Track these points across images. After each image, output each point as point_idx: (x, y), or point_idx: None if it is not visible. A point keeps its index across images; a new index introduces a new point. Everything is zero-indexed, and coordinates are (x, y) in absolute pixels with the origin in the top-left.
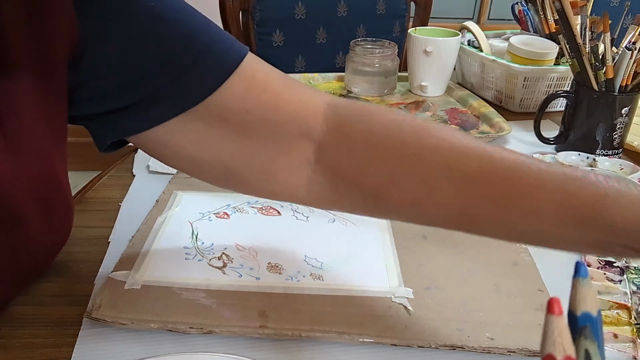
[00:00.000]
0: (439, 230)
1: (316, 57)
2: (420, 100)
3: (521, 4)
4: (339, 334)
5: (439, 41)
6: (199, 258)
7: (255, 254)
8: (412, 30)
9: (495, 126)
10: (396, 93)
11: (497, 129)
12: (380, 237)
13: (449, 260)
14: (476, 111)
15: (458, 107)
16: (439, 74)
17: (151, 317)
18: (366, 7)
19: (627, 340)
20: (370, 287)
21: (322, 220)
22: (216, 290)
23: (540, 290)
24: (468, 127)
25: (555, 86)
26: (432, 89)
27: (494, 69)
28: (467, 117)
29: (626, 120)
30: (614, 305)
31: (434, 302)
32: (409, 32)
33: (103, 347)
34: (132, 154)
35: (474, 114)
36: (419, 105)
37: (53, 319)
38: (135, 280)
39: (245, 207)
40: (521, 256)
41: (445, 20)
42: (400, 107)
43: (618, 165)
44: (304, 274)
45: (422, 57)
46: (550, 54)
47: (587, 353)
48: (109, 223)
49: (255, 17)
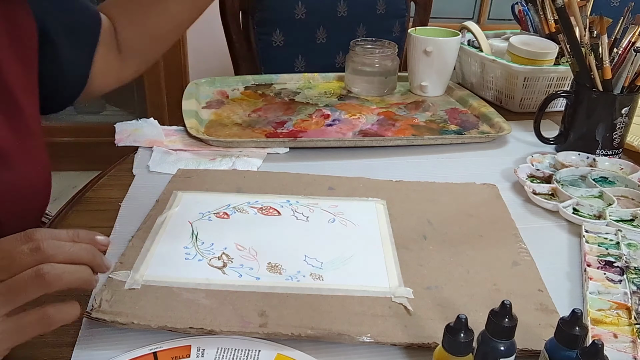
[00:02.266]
0: (439, 230)
1: (316, 57)
2: (420, 100)
3: (521, 4)
4: (339, 334)
5: (439, 41)
6: (199, 258)
7: (255, 254)
8: (412, 30)
9: (495, 126)
10: (396, 93)
11: (497, 129)
12: (380, 237)
13: (449, 260)
14: (476, 111)
15: (458, 107)
16: (439, 74)
17: (151, 317)
18: (366, 7)
19: (627, 340)
20: (370, 287)
21: (322, 220)
22: (216, 290)
23: (540, 290)
24: (468, 126)
25: (555, 86)
26: (432, 89)
27: (494, 69)
28: (467, 117)
29: (626, 120)
30: (613, 305)
31: (434, 302)
32: (409, 32)
33: (103, 347)
34: (132, 154)
35: (474, 113)
36: (419, 105)
37: None
38: (135, 280)
39: (245, 207)
40: (521, 256)
41: (445, 20)
42: (400, 107)
43: (618, 165)
44: (304, 274)
45: (422, 57)
46: (550, 54)
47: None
48: (109, 223)
49: (255, 17)
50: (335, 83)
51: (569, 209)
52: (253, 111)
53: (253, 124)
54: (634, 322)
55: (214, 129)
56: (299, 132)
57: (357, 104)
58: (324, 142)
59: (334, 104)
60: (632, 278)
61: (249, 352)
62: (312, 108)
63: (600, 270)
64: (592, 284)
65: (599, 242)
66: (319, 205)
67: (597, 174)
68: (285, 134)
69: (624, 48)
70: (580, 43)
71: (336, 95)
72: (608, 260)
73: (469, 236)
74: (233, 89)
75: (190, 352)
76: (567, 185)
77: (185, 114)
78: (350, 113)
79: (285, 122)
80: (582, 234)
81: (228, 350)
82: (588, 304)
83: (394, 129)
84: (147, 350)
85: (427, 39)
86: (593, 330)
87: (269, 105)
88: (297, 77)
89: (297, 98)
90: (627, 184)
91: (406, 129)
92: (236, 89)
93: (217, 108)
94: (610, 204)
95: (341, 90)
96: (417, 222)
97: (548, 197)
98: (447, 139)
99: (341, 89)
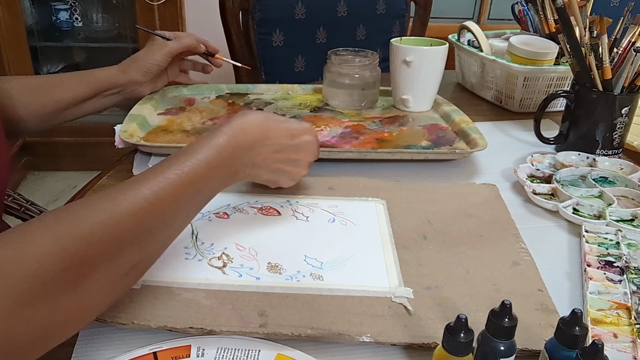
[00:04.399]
0: (439, 230)
1: (316, 57)
2: (401, 115)
3: (521, 4)
4: (339, 334)
5: (420, 50)
6: (198, 258)
7: (255, 253)
8: (397, 40)
9: (470, 142)
10: (378, 107)
11: (472, 145)
12: (380, 237)
13: (449, 260)
14: (457, 127)
15: (439, 123)
16: (422, 87)
17: (151, 317)
18: (366, 7)
19: (627, 340)
20: (370, 287)
21: (322, 220)
22: (216, 290)
23: (540, 290)
24: (442, 143)
25: (555, 86)
26: (414, 104)
27: (494, 69)
28: (445, 134)
29: (626, 120)
30: (613, 305)
31: (434, 302)
32: (391, 42)
33: (103, 347)
34: (132, 154)
35: (454, 130)
36: (396, 120)
37: None
38: None
39: (245, 207)
40: (521, 256)
41: (445, 20)
42: (375, 121)
43: (618, 165)
44: (304, 274)
45: (402, 68)
46: (550, 54)
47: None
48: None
49: (255, 17)
50: (314, 95)
51: (569, 209)
52: (210, 119)
53: (201, 132)
54: (634, 322)
55: (154, 135)
56: None
57: (328, 117)
58: None
59: (303, 115)
60: (632, 278)
61: (249, 352)
62: None
63: (600, 270)
64: (592, 284)
65: (599, 242)
66: (319, 205)
67: (597, 174)
68: None
69: (624, 48)
70: (580, 43)
71: (310, 108)
72: (608, 260)
73: (469, 236)
74: (203, 97)
75: (190, 352)
76: (567, 185)
77: (128, 117)
78: (316, 125)
79: None
80: (582, 234)
81: (228, 350)
82: (588, 304)
83: (355, 142)
84: (147, 350)
85: (407, 47)
86: (593, 330)
87: (231, 114)
88: (276, 88)
89: (267, 108)
90: (627, 184)
91: (369, 142)
92: (207, 97)
93: (174, 115)
94: (610, 204)
95: (318, 102)
96: (417, 222)
97: (548, 197)
98: (407, 154)
99: (319, 101)
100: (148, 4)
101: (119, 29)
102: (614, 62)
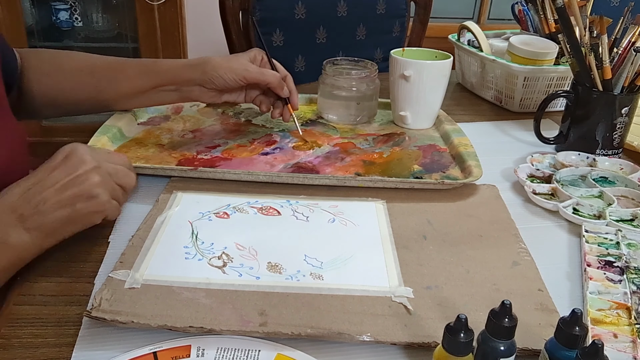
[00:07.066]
0: (439, 230)
1: (316, 57)
2: (398, 133)
3: (521, 4)
4: (339, 334)
5: (420, 64)
6: (199, 257)
7: (255, 253)
8: (398, 51)
9: (465, 170)
10: (376, 122)
11: (466, 174)
12: (380, 237)
13: (449, 260)
14: (455, 150)
15: (437, 144)
16: (422, 103)
17: (151, 316)
18: (366, 7)
19: (627, 340)
20: (370, 287)
21: (322, 220)
22: (216, 289)
23: (540, 290)
24: (435, 168)
25: (555, 86)
26: (413, 121)
27: (494, 69)
28: (440, 157)
29: (626, 120)
30: (613, 305)
31: (434, 301)
32: (391, 53)
33: (103, 346)
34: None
35: (451, 153)
36: (391, 138)
37: (53, 319)
38: (135, 280)
39: (245, 207)
40: (521, 256)
41: (445, 20)
42: (367, 138)
43: (618, 165)
44: (304, 273)
45: (400, 83)
46: (550, 54)
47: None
48: (109, 222)
49: (255, 17)
50: (308, 107)
51: (569, 209)
52: (192, 131)
53: (177, 146)
54: (634, 322)
55: (126, 149)
56: (221, 160)
57: (318, 132)
58: (230, 175)
59: (292, 129)
60: (632, 278)
61: (249, 352)
62: (262, 132)
63: (600, 270)
64: (592, 284)
65: (599, 242)
66: (319, 205)
67: (597, 174)
68: (203, 160)
69: (624, 48)
70: (580, 43)
71: (303, 120)
72: (608, 260)
73: (469, 236)
74: (192, 104)
75: (190, 352)
76: (567, 185)
77: (101, 129)
78: (303, 141)
79: (217, 147)
80: (582, 234)
81: (228, 350)
82: (588, 303)
83: (339, 165)
84: (147, 350)
85: (405, 61)
86: (593, 330)
87: (215, 126)
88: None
89: (255, 120)
90: (627, 183)
91: (354, 165)
92: (196, 104)
93: (155, 124)
94: (610, 203)
95: (312, 114)
96: (417, 222)
97: (548, 197)
98: (391, 183)
99: (313, 113)
100: (148, 4)
101: (119, 29)
102: (614, 62)
